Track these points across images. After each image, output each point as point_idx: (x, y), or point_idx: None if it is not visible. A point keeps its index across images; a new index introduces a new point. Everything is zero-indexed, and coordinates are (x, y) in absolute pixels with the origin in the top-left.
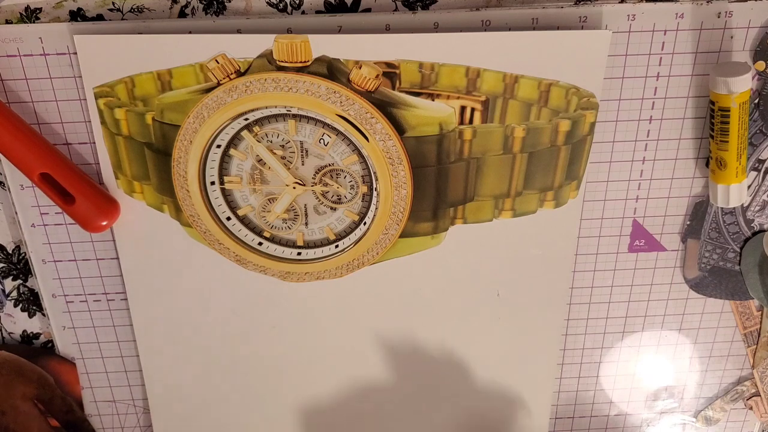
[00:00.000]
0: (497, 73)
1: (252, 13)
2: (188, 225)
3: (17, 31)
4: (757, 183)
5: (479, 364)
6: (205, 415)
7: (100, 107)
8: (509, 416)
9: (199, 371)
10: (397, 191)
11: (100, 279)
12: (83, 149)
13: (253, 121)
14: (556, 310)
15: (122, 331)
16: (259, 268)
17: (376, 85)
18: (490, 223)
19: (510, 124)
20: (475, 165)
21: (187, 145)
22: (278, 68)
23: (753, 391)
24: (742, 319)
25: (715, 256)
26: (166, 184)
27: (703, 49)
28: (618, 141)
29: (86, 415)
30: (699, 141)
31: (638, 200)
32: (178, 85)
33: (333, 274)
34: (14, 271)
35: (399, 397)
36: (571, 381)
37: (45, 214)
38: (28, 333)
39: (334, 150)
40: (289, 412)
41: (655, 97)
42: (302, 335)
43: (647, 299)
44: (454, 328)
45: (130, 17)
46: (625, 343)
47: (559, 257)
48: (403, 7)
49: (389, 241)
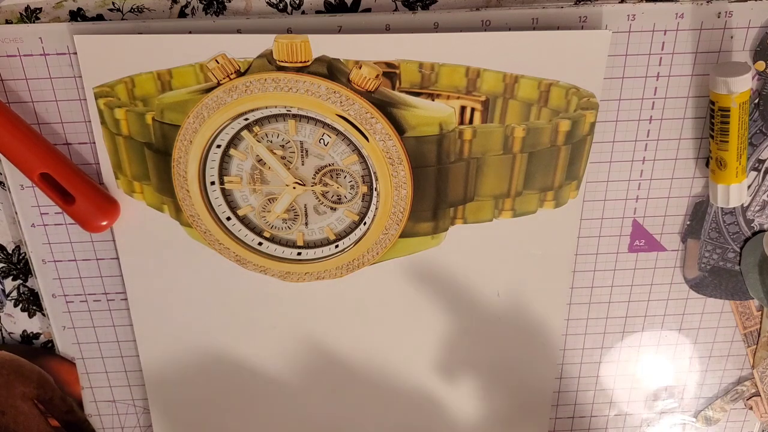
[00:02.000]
0: (497, 73)
1: (252, 13)
2: (188, 225)
3: (17, 31)
4: (757, 183)
5: (479, 364)
6: (205, 415)
7: (100, 107)
8: (510, 416)
9: (199, 371)
10: (397, 191)
11: (100, 279)
12: (83, 149)
13: (253, 121)
14: (556, 310)
15: (122, 331)
16: (259, 268)
17: (376, 85)
18: (490, 223)
19: (510, 124)
20: (475, 165)
21: (187, 145)
22: (278, 68)
23: (753, 391)
24: (742, 319)
25: (715, 256)
26: (166, 184)
27: (703, 49)
28: (618, 141)
29: (86, 415)
30: (699, 141)
31: (638, 200)
32: (178, 85)
33: (333, 274)
34: (14, 271)
35: (399, 397)
36: (571, 381)
37: (45, 214)
38: (28, 333)
39: (334, 150)
40: (289, 412)
41: (655, 97)
42: (302, 335)
43: (647, 299)
44: (454, 328)
45: (130, 17)
46: (625, 343)
47: (559, 257)
48: (403, 7)
49: (389, 241)
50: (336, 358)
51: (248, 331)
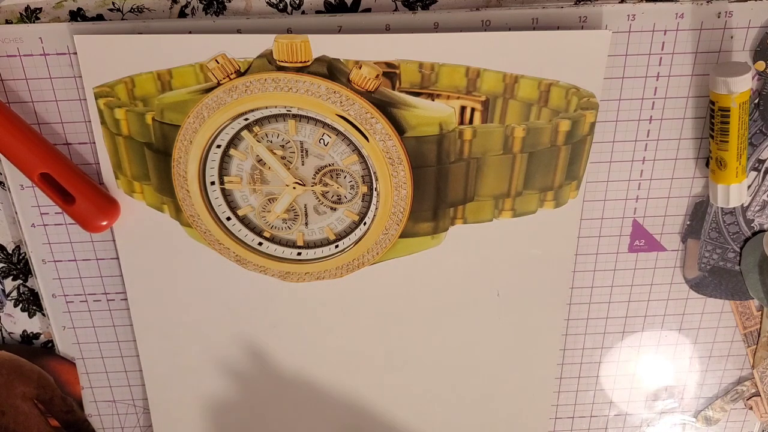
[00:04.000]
0: (497, 73)
1: (252, 13)
2: (188, 225)
3: (17, 31)
4: (757, 183)
5: (479, 364)
6: (205, 416)
7: (100, 107)
8: (509, 416)
9: (199, 371)
10: (397, 191)
11: (100, 279)
12: (83, 149)
13: (253, 121)
14: (556, 310)
15: (122, 331)
16: (259, 268)
17: (376, 85)
18: (490, 223)
19: (510, 124)
20: (475, 165)
21: (187, 145)
22: (278, 68)
23: (753, 391)
24: (742, 319)
25: (715, 256)
26: (166, 184)
27: (703, 49)
28: (618, 141)
29: (86, 415)
30: (699, 141)
31: (638, 200)
32: (178, 85)
33: (333, 274)
34: (14, 271)
35: (398, 397)
36: (571, 381)
37: (45, 214)
38: (28, 333)
39: (334, 150)
40: (289, 412)
41: (655, 97)
42: (302, 335)
43: (647, 299)
44: (454, 328)
45: (130, 17)
46: (625, 343)
47: (559, 257)
48: (403, 7)
49: (389, 242)
50: (336, 358)
51: (248, 331)
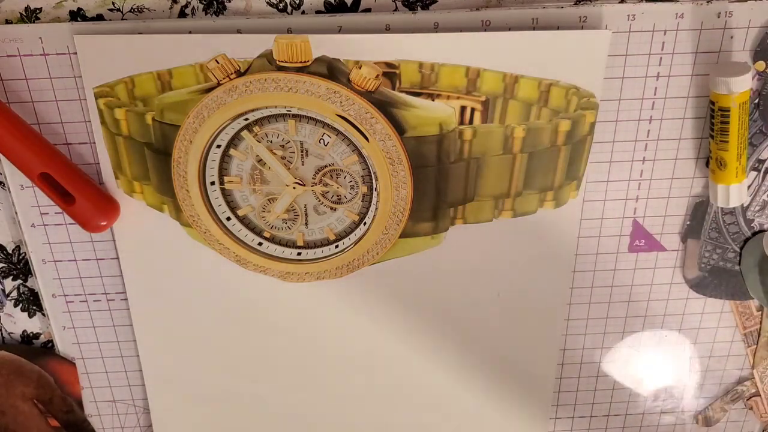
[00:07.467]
0: (497, 73)
1: (252, 13)
2: (188, 225)
3: (17, 31)
4: (757, 183)
5: (479, 364)
6: (205, 416)
7: (100, 107)
8: (510, 416)
9: (199, 371)
10: (397, 191)
11: (100, 279)
12: (83, 149)
13: (253, 121)
14: (556, 310)
15: (122, 331)
16: (259, 268)
17: (376, 85)
18: (490, 223)
19: (510, 124)
20: (475, 165)
21: (187, 145)
22: (278, 68)
23: (753, 391)
24: (742, 319)
25: (715, 256)
26: (166, 184)
27: (703, 49)
28: (618, 141)
29: (86, 415)
30: (699, 141)
31: (638, 200)
32: (178, 85)
33: (333, 274)
34: (14, 271)
35: (398, 397)
36: (571, 381)
37: (45, 214)
38: (28, 333)
39: (334, 150)
40: (289, 412)
41: (655, 97)
42: (302, 335)
43: (647, 299)
44: (454, 328)
45: (130, 17)
46: (625, 343)
47: (559, 257)
48: (403, 7)
49: (389, 242)
50: (336, 358)
51: (248, 331)
